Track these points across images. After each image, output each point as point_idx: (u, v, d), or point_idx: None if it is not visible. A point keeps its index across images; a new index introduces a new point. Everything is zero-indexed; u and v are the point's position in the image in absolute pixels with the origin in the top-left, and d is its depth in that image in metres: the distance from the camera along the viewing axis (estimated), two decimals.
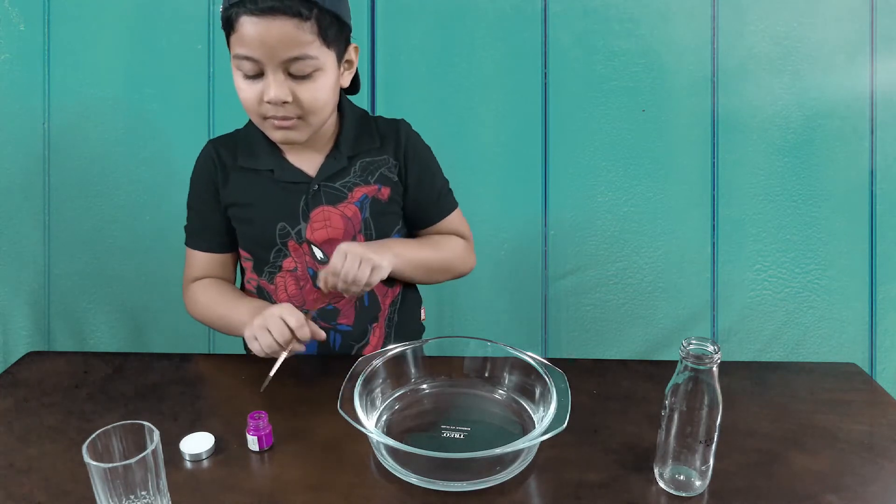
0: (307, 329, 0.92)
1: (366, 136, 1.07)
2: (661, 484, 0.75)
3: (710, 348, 0.70)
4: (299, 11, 0.87)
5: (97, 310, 1.67)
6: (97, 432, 0.66)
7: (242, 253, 1.11)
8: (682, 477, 0.74)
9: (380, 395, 0.90)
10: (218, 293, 1.08)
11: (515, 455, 0.76)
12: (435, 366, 0.96)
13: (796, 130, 1.64)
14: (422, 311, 1.24)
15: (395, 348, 0.93)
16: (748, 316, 1.70)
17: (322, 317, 1.09)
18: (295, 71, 0.91)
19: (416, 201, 1.11)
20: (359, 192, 1.05)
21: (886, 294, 1.69)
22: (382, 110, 1.60)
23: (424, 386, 0.94)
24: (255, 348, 0.93)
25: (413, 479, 0.75)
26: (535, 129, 1.64)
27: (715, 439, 0.72)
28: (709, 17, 1.62)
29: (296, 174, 1.04)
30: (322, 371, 1.01)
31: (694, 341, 0.71)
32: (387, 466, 0.77)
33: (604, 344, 1.71)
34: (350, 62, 1.00)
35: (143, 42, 1.59)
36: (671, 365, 0.73)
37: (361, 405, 0.79)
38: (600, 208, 1.67)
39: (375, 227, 1.07)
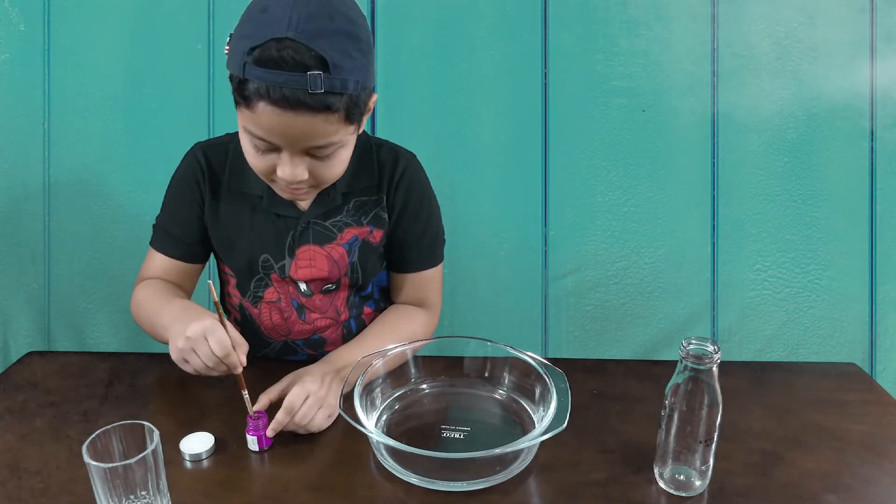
0: (234, 358, 0.81)
1: (364, 172, 0.99)
2: (661, 484, 0.75)
3: (710, 348, 0.70)
4: (329, 105, 0.77)
5: (97, 310, 1.67)
6: (97, 432, 0.66)
7: (225, 268, 1.06)
8: (681, 477, 0.74)
9: (380, 395, 0.90)
10: (151, 293, 0.98)
11: (515, 455, 0.76)
12: (435, 366, 0.96)
13: (796, 130, 1.64)
14: None
15: (394, 348, 0.93)
16: (748, 316, 1.70)
17: (309, 345, 1.07)
18: (316, 154, 0.83)
19: (398, 241, 1.03)
20: (349, 234, 0.99)
21: (886, 294, 1.69)
22: (382, 110, 1.59)
23: (424, 386, 0.94)
24: (189, 370, 0.84)
25: (413, 479, 0.75)
26: (535, 129, 1.64)
27: (715, 439, 0.72)
28: (709, 17, 1.62)
29: (286, 207, 0.97)
30: None
31: (694, 341, 0.71)
32: (387, 466, 0.77)
33: (604, 344, 1.71)
34: (368, 110, 0.88)
35: (143, 42, 1.59)
36: (671, 365, 0.73)
37: (361, 405, 0.79)
38: (600, 208, 1.66)
39: (363, 270, 1.02)
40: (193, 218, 1.01)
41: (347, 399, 0.79)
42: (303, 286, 1.01)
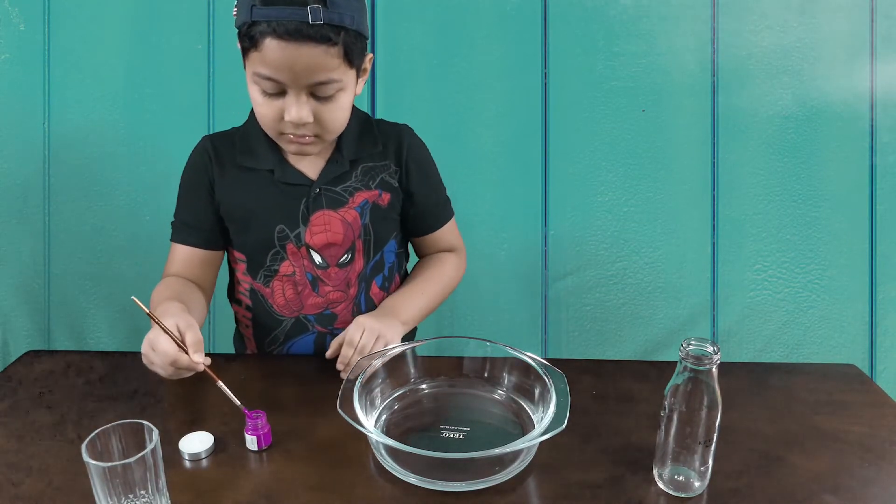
0: (185, 359, 0.83)
1: (368, 140, 1.05)
2: (661, 485, 0.75)
3: (710, 349, 0.70)
4: (328, 37, 0.85)
5: (97, 310, 1.67)
6: (96, 431, 0.66)
7: (236, 254, 1.09)
8: (681, 478, 0.74)
9: (379, 395, 0.90)
10: (159, 292, 0.99)
11: (515, 455, 0.76)
12: (434, 366, 0.96)
13: (796, 130, 1.64)
14: None
15: (394, 348, 0.93)
16: (748, 316, 1.70)
17: (320, 321, 1.08)
18: (318, 93, 0.90)
19: (417, 209, 1.11)
20: (360, 197, 1.04)
21: (886, 294, 1.69)
22: (382, 110, 1.60)
23: (424, 386, 0.94)
24: (162, 374, 0.86)
25: (412, 479, 0.75)
26: (535, 129, 1.64)
27: (714, 440, 0.72)
28: (709, 17, 1.62)
29: (297, 176, 1.02)
30: (322, 371, 1.01)
31: (693, 342, 0.71)
32: (386, 466, 0.77)
33: (604, 344, 1.71)
34: (365, 70, 0.98)
35: (143, 42, 1.59)
36: (671, 365, 0.73)
37: (361, 405, 0.79)
38: (600, 208, 1.67)
39: (374, 233, 1.06)
40: (206, 203, 1.05)
41: (347, 399, 0.80)
42: (317, 258, 1.04)
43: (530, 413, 0.88)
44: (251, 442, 0.81)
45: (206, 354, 0.87)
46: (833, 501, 0.73)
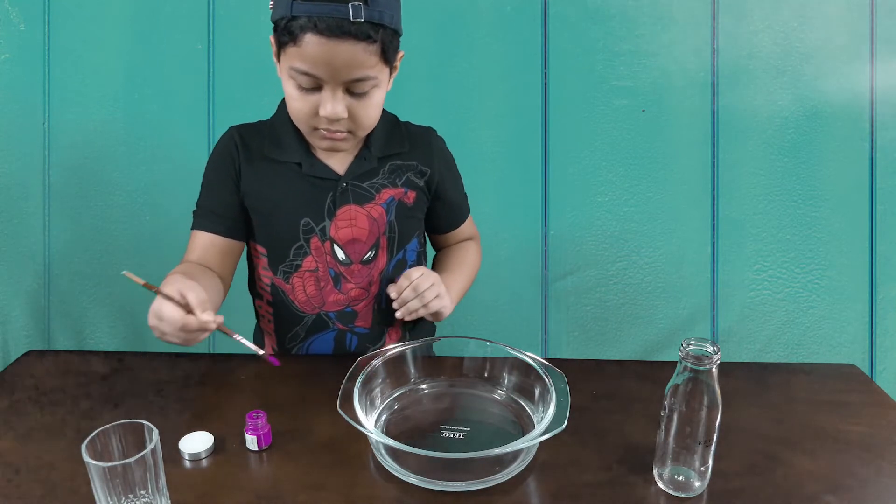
0: (193, 321, 0.80)
1: (395, 139, 1.06)
2: (661, 484, 0.75)
3: (710, 349, 0.70)
4: (368, 35, 0.86)
5: (97, 310, 1.67)
6: (96, 431, 0.66)
7: (257, 248, 1.08)
8: (681, 477, 0.74)
9: (379, 394, 0.90)
10: (174, 271, 0.95)
11: (515, 455, 0.76)
12: (434, 366, 0.96)
13: (796, 130, 1.64)
14: None
15: (394, 348, 0.93)
16: (748, 316, 1.70)
17: (341, 318, 1.08)
18: (354, 89, 0.90)
19: (445, 209, 1.14)
20: (386, 194, 1.04)
21: (886, 294, 1.69)
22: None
23: (424, 386, 0.94)
24: (174, 342, 0.84)
25: (412, 479, 0.75)
26: (535, 129, 1.64)
27: (714, 440, 0.72)
28: (709, 18, 1.62)
29: (324, 170, 1.02)
30: (322, 371, 1.01)
31: (693, 342, 0.71)
32: (386, 466, 0.77)
33: (603, 344, 1.71)
34: (395, 68, 0.99)
35: (143, 42, 1.59)
36: (671, 365, 0.73)
37: (361, 405, 0.79)
38: (600, 208, 1.67)
39: (399, 231, 1.06)
40: (231, 192, 1.03)
41: (347, 399, 0.79)
42: (341, 254, 1.04)
43: (530, 413, 0.88)
44: (251, 442, 0.81)
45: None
46: (833, 501, 0.73)
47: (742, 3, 1.61)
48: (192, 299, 0.81)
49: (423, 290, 0.97)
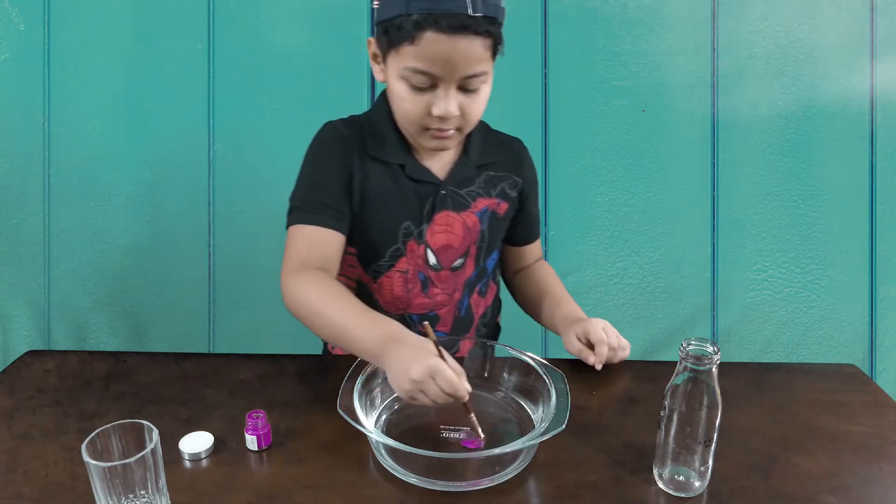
0: (462, 391, 0.77)
1: (490, 147, 1.06)
2: (661, 484, 0.75)
3: (710, 349, 0.70)
4: (486, 30, 0.85)
5: (97, 310, 1.67)
6: (96, 431, 0.66)
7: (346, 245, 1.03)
8: (681, 477, 0.74)
9: (379, 394, 0.89)
10: (335, 295, 0.89)
11: (515, 455, 0.76)
12: None
13: (796, 130, 1.64)
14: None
15: None
16: (748, 316, 1.70)
17: (422, 322, 1.06)
18: (467, 85, 0.89)
19: (525, 220, 1.14)
20: (481, 203, 1.05)
21: (886, 294, 1.69)
22: None
23: None
24: (424, 402, 0.79)
25: (412, 479, 0.75)
26: (535, 129, 1.64)
27: (714, 440, 0.72)
28: (709, 18, 1.62)
29: (426, 174, 1.01)
30: (322, 371, 1.01)
31: (693, 342, 0.71)
32: (386, 466, 0.77)
33: None
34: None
35: (143, 42, 1.59)
36: (671, 365, 0.73)
37: (361, 405, 0.79)
38: (600, 208, 1.67)
39: (489, 240, 1.07)
40: (345, 186, 0.99)
41: (347, 399, 0.79)
42: (432, 259, 1.03)
43: (530, 413, 0.88)
44: (251, 442, 0.81)
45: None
46: (833, 501, 0.73)
47: (742, 3, 1.61)
48: (461, 370, 0.79)
49: (615, 345, 1.00)
